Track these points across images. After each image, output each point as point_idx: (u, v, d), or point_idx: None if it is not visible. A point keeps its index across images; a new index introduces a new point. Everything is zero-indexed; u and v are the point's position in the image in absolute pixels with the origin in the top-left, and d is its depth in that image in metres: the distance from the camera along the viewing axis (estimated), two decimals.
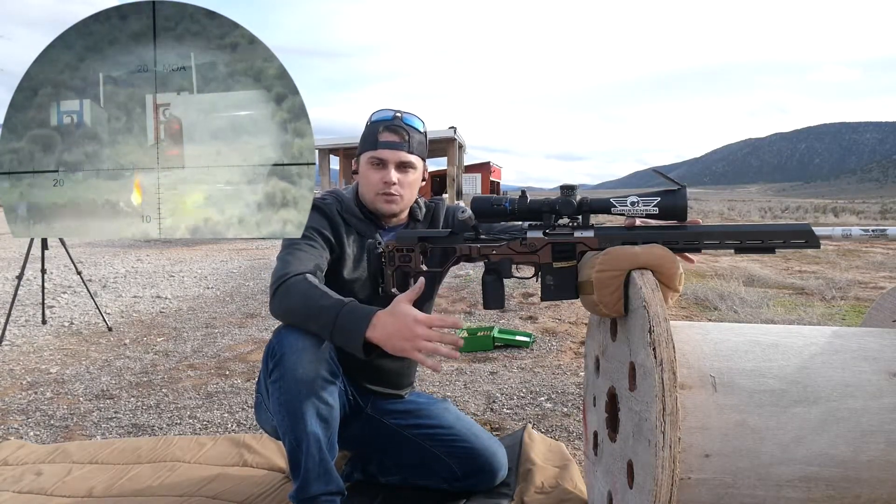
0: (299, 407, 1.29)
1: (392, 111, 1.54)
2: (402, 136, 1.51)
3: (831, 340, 1.20)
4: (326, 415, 1.32)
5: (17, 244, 9.76)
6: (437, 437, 1.63)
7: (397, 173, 1.51)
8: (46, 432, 2.35)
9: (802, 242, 1.18)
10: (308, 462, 1.31)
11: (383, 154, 1.50)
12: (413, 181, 1.55)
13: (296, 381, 1.29)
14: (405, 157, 1.51)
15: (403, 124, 1.52)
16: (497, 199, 1.31)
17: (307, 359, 1.29)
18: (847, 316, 4.28)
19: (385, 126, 1.51)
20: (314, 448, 1.31)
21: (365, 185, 1.55)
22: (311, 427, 1.30)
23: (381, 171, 1.51)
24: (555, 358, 3.17)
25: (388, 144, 1.50)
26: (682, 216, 1.21)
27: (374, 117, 1.55)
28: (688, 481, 1.07)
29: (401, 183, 1.52)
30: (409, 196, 1.56)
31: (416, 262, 1.39)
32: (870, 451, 1.06)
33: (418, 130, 1.55)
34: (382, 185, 1.51)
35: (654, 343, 1.02)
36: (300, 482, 1.33)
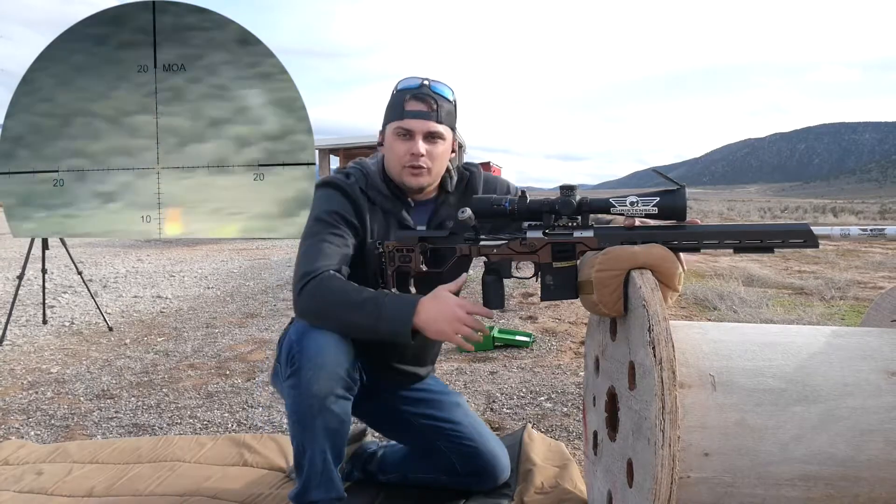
0: (310, 421, 1.32)
1: (419, 79, 1.44)
2: (430, 105, 1.42)
3: (830, 340, 1.20)
4: (336, 428, 1.34)
5: (18, 244, 9.76)
6: (443, 430, 1.63)
7: (425, 144, 1.42)
8: (47, 432, 2.36)
9: (801, 242, 1.18)
10: (311, 469, 1.34)
11: (410, 124, 1.41)
12: (442, 153, 1.46)
13: (309, 396, 1.30)
14: (433, 127, 1.42)
15: (432, 92, 1.43)
16: (497, 199, 1.31)
17: (324, 376, 1.30)
18: (846, 316, 4.28)
19: (412, 94, 1.42)
20: (319, 458, 1.33)
21: (391, 157, 1.47)
22: (318, 439, 1.32)
23: (408, 142, 1.42)
24: (555, 358, 3.17)
25: (416, 114, 1.41)
26: (681, 216, 1.22)
27: (399, 85, 1.45)
28: (687, 480, 1.07)
29: (429, 154, 1.43)
30: (437, 168, 1.47)
31: (416, 263, 1.39)
32: (869, 450, 1.07)
33: (447, 99, 1.45)
34: (409, 157, 1.42)
35: (653, 342, 1.02)
36: (301, 486, 1.35)
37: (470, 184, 1.58)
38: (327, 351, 1.31)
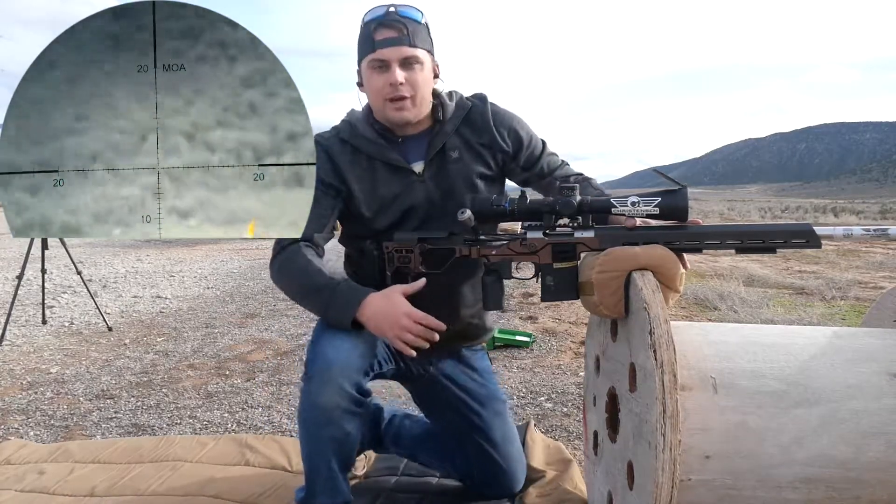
0: (315, 430, 1.32)
1: (384, 6, 1.37)
2: (401, 31, 1.35)
3: (832, 341, 1.20)
4: (342, 440, 1.33)
5: (17, 244, 9.76)
6: (474, 427, 1.58)
7: (403, 71, 1.36)
8: (46, 432, 2.36)
9: (803, 242, 1.18)
10: (317, 477, 1.35)
11: (383, 53, 1.35)
12: (423, 79, 1.39)
13: (316, 407, 1.31)
14: (408, 52, 1.35)
15: (400, 17, 1.36)
16: (497, 200, 1.30)
17: (330, 391, 1.30)
18: (847, 316, 4.28)
19: (379, 23, 1.35)
20: (324, 467, 1.33)
21: (371, 93, 1.41)
22: (323, 449, 1.33)
23: (385, 73, 1.36)
24: (555, 358, 3.17)
25: (387, 42, 1.34)
26: (683, 216, 1.21)
27: (366, 17, 1.39)
28: (688, 483, 1.07)
29: (409, 82, 1.36)
30: (422, 95, 1.40)
31: (416, 264, 1.38)
32: (870, 453, 1.06)
33: (417, 22, 1.38)
34: (388, 87, 1.36)
35: (654, 345, 1.02)
36: (307, 490, 1.37)
37: (471, 115, 1.48)
38: (337, 362, 1.31)
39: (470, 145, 1.47)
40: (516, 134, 1.50)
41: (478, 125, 1.48)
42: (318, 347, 1.34)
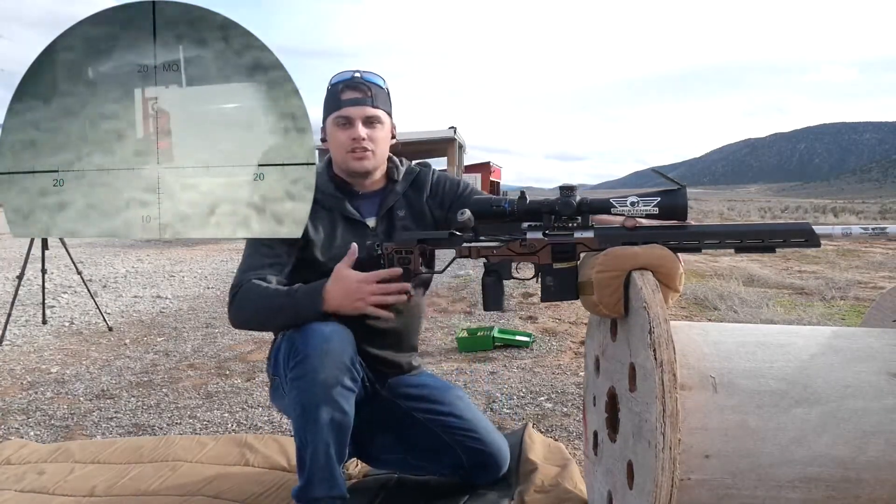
0: (315, 411, 1.31)
1: (350, 71, 1.51)
2: (365, 92, 1.48)
3: (831, 341, 1.20)
4: (340, 421, 1.33)
5: (17, 244, 9.76)
6: (448, 424, 1.63)
7: (365, 128, 1.48)
8: (47, 432, 2.36)
9: (803, 241, 1.18)
10: (314, 465, 1.33)
11: (348, 111, 1.47)
12: (383, 137, 1.52)
13: (315, 384, 1.30)
14: (370, 112, 1.48)
15: (364, 81, 1.50)
16: (496, 201, 1.31)
17: (330, 363, 1.31)
18: (847, 316, 4.28)
19: (346, 85, 1.49)
20: (322, 453, 1.32)
21: (334, 147, 1.52)
22: (323, 432, 1.32)
23: (348, 129, 1.48)
24: (555, 358, 3.17)
25: (352, 101, 1.47)
26: (682, 216, 1.21)
27: (333, 80, 1.52)
28: (688, 482, 1.07)
29: (370, 138, 1.49)
30: (380, 152, 1.53)
31: (416, 265, 1.39)
32: (870, 452, 1.06)
33: (380, 86, 1.52)
34: (351, 142, 1.48)
35: (654, 344, 1.02)
36: (304, 482, 1.35)
37: (418, 179, 1.63)
38: (332, 339, 1.34)
39: (413, 205, 1.60)
40: (452, 184, 1.66)
41: (421, 185, 1.63)
42: (306, 334, 1.35)
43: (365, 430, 1.74)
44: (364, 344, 1.60)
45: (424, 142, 12.90)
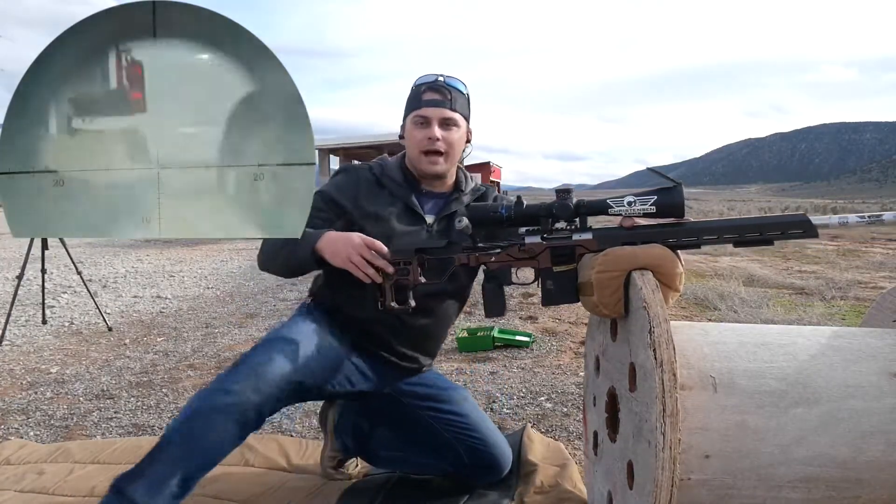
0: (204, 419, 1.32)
1: (435, 74, 1.58)
2: (445, 95, 1.54)
3: (831, 341, 1.20)
4: (218, 444, 1.32)
5: (17, 244, 9.76)
6: (452, 422, 1.64)
7: (441, 130, 1.54)
8: (46, 432, 2.36)
9: (800, 233, 1.18)
10: (155, 462, 1.33)
11: (426, 112, 1.53)
12: (458, 139, 1.57)
13: (223, 393, 1.31)
14: (448, 114, 1.54)
15: (446, 85, 1.56)
16: (493, 207, 1.31)
17: (251, 386, 1.32)
18: (847, 316, 4.28)
19: (428, 86, 1.55)
20: (168, 462, 1.32)
21: (410, 144, 1.57)
22: (192, 445, 1.32)
23: (425, 128, 1.54)
24: (555, 358, 3.17)
25: (431, 102, 1.54)
26: (679, 213, 1.21)
27: (417, 81, 1.59)
28: (688, 482, 1.07)
29: (444, 140, 1.54)
30: (453, 154, 1.58)
31: (415, 275, 1.38)
32: (870, 452, 1.06)
33: (461, 91, 1.58)
34: (426, 141, 1.53)
35: (654, 344, 1.02)
36: (133, 468, 1.35)
37: (484, 195, 1.69)
38: (274, 360, 1.36)
39: None
40: None
41: (484, 200, 1.67)
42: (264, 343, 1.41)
43: (367, 425, 1.75)
44: (391, 337, 1.61)
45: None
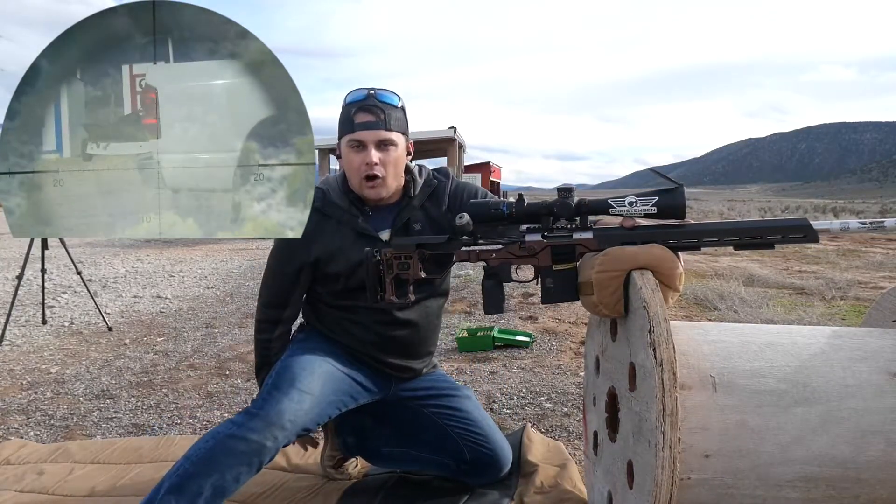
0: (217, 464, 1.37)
1: (365, 90, 1.50)
2: (378, 115, 1.47)
3: (831, 340, 1.20)
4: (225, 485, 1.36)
5: (17, 244, 9.76)
6: (454, 418, 1.66)
7: (377, 153, 1.47)
8: (46, 432, 2.36)
9: (801, 237, 1.17)
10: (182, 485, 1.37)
11: (361, 135, 1.47)
12: (396, 158, 1.51)
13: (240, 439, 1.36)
14: (384, 136, 1.47)
15: (378, 102, 1.48)
16: (495, 204, 1.31)
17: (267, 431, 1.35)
18: (847, 316, 4.28)
19: (359, 107, 1.47)
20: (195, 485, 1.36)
21: (348, 169, 1.53)
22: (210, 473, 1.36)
23: (361, 152, 1.48)
24: (555, 358, 3.17)
25: (365, 125, 1.47)
26: (680, 215, 1.21)
27: (347, 99, 1.52)
28: (688, 481, 1.07)
29: (382, 162, 1.48)
30: (394, 174, 1.52)
31: (415, 270, 1.39)
32: (870, 452, 1.06)
33: (395, 106, 1.50)
34: (364, 166, 1.48)
35: (654, 343, 1.02)
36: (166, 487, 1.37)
37: (436, 192, 1.61)
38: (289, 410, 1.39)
39: (431, 218, 1.59)
40: (469, 192, 1.63)
41: (440, 199, 1.61)
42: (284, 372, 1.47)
43: (369, 422, 1.74)
44: (378, 352, 1.63)
45: (424, 141, 12.90)
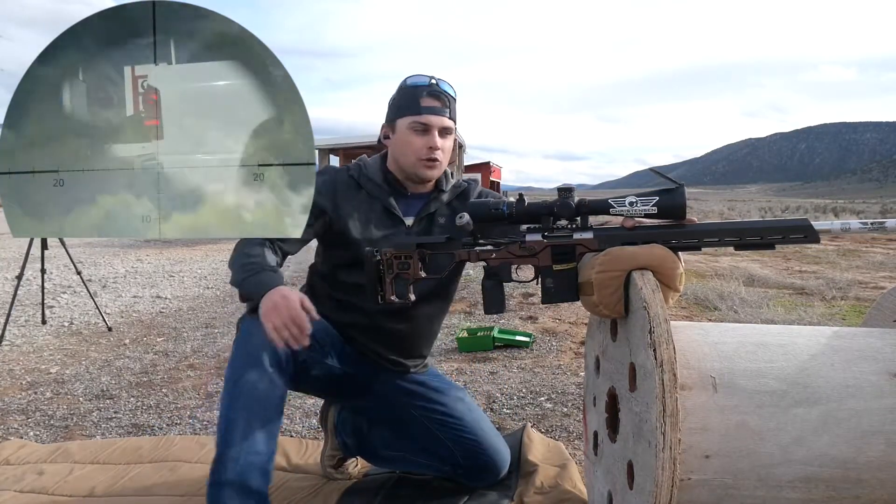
0: (241, 371, 1.35)
1: (427, 77, 1.53)
2: (444, 102, 1.51)
3: (831, 341, 1.20)
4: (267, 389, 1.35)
5: (17, 244, 9.76)
6: (445, 423, 1.64)
7: (440, 139, 1.51)
8: (46, 432, 2.35)
9: (802, 237, 1.17)
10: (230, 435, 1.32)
11: (428, 119, 1.49)
12: (451, 147, 1.56)
13: (249, 343, 1.36)
14: (447, 123, 1.52)
15: (444, 91, 1.53)
16: (495, 204, 1.31)
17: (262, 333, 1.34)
18: (847, 316, 4.28)
19: (427, 91, 1.51)
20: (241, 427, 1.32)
21: (405, 150, 1.53)
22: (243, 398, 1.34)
23: (426, 136, 1.50)
24: (555, 358, 3.17)
25: (432, 110, 1.50)
26: (681, 215, 1.21)
27: (409, 82, 1.53)
28: (688, 482, 1.07)
29: (442, 148, 1.52)
30: (445, 161, 1.57)
31: (415, 269, 1.39)
32: (870, 452, 1.06)
33: (453, 97, 1.55)
34: (427, 150, 1.50)
35: (654, 344, 1.02)
36: (214, 458, 1.33)
37: (464, 193, 1.65)
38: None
39: (456, 212, 1.58)
40: None
41: (466, 199, 1.63)
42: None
43: (366, 425, 1.75)
44: (369, 340, 1.63)
45: None
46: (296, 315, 1.30)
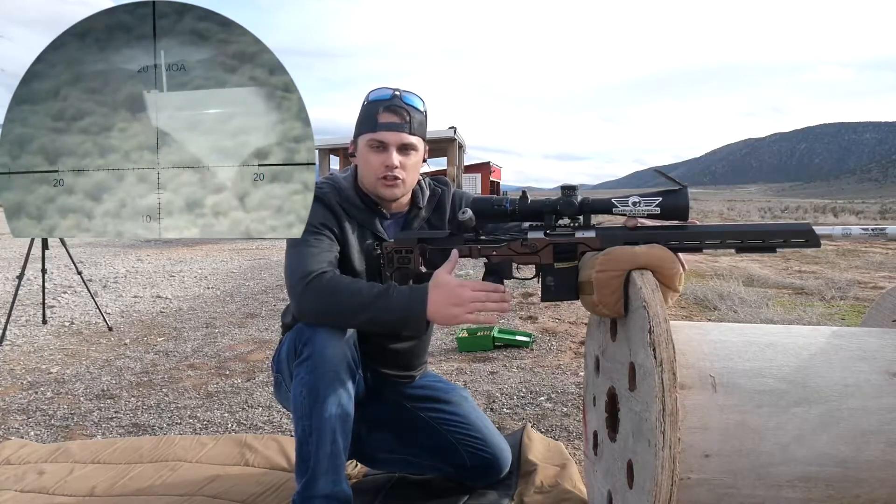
0: (323, 390, 1.31)
1: (391, 90, 1.46)
2: (403, 117, 1.44)
3: (831, 340, 1.20)
4: (346, 405, 1.34)
5: (17, 244, 9.76)
6: (451, 423, 1.65)
7: (399, 156, 1.45)
8: (47, 432, 2.36)
9: (803, 242, 1.18)
10: (320, 452, 1.31)
11: (384, 136, 1.43)
12: (415, 163, 1.49)
13: (324, 360, 1.31)
14: (406, 139, 1.45)
15: (403, 104, 1.45)
16: (498, 200, 1.31)
17: (336, 342, 1.33)
18: (847, 316, 4.28)
19: (385, 106, 1.44)
20: (328, 438, 1.31)
21: (365, 169, 1.48)
22: (329, 413, 1.31)
23: (382, 154, 1.44)
24: (555, 358, 3.17)
25: (389, 126, 1.43)
26: (683, 216, 1.21)
27: (371, 96, 1.48)
28: (687, 481, 1.07)
29: (402, 166, 1.45)
30: (411, 179, 1.50)
31: (416, 264, 1.39)
32: (869, 451, 1.07)
33: (418, 110, 1.48)
34: (384, 168, 1.44)
35: (653, 343, 1.02)
36: (308, 476, 1.32)
37: (441, 200, 1.61)
38: (334, 337, 1.35)
39: (436, 228, 1.60)
40: (467, 201, 1.59)
41: (442, 208, 1.61)
42: (313, 329, 1.35)
43: (365, 429, 1.75)
44: (376, 365, 1.64)
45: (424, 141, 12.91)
46: (476, 286, 1.28)
